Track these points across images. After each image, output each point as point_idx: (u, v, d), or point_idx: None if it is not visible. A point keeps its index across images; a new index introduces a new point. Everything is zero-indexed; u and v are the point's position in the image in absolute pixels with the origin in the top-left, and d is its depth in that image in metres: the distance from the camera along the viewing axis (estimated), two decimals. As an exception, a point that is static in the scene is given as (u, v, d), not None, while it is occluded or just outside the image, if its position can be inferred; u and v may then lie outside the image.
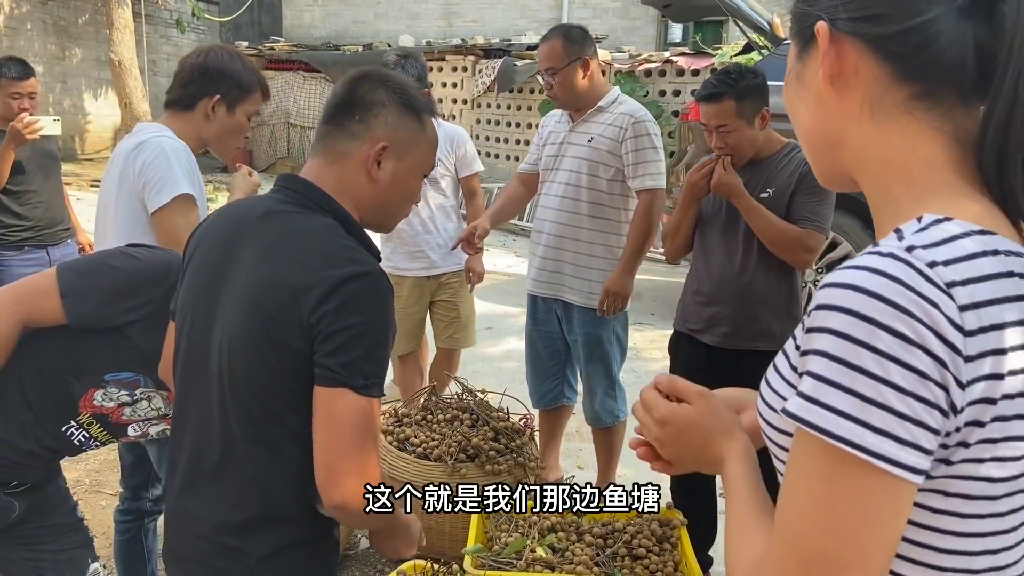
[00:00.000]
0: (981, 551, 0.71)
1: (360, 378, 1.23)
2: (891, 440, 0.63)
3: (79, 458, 3.77)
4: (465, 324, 3.66)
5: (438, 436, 2.86)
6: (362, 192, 1.39)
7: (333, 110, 1.40)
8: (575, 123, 2.99)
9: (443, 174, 3.51)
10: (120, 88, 9.78)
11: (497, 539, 2.31)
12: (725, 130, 2.45)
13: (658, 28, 12.28)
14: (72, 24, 12.43)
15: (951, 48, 0.70)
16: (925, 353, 0.63)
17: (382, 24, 13.63)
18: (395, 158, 1.40)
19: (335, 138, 1.38)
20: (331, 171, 1.38)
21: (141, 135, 2.10)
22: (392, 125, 1.39)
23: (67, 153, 11.96)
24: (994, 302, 0.66)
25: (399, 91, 1.41)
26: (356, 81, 1.41)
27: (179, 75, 2.14)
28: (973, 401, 0.65)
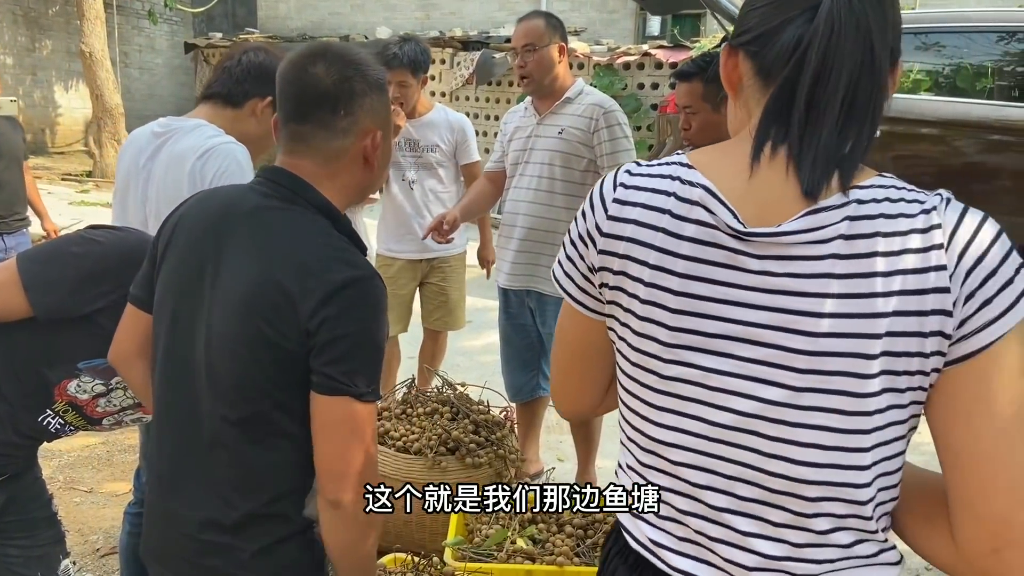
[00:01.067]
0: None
1: (361, 385, 1.24)
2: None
3: (52, 454, 3.72)
4: (453, 308, 3.69)
5: (418, 429, 2.85)
6: (356, 179, 1.38)
7: (306, 106, 1.33)
8: (542, 116, 2.98)
9: (440, 161, 3.51)
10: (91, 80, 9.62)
11: (477, 531, 2.31)
12: (690, 111, 2.51)
13: (636, 21, 12.29)
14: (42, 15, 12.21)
15: (783, 44, 0.87)
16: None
17: (359, 16, 13.52)
18: (386, 137, 1.39)
19: (321, 138, 1.33)
20: (324, 170, 1.34)
21: (201, 138, 1.97)
22: (376, 109, 1.36)
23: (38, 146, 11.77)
24: (638, 206, 0.92)
25: (367, 70, 1.36)
26: (316, 70, 1.32)
27: (230, 69, 2.05)
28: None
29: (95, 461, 3.69)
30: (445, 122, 3.52)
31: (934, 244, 0.80)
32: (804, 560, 0.88)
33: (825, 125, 0.84)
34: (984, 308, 0.79)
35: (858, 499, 0.85)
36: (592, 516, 2.36)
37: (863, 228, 0.82)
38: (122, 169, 2.10)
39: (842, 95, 0.83)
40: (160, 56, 13.94)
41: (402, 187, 3.56)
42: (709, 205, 0.87)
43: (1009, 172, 4.48)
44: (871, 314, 0.80)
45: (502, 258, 3.12)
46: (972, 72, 4.71)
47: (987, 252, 0.80)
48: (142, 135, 2.09)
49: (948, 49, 4.81)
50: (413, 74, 3.35)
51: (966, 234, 0.80)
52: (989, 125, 4.50)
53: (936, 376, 0.82)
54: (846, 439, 0.84)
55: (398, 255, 3.61)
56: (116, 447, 3.74)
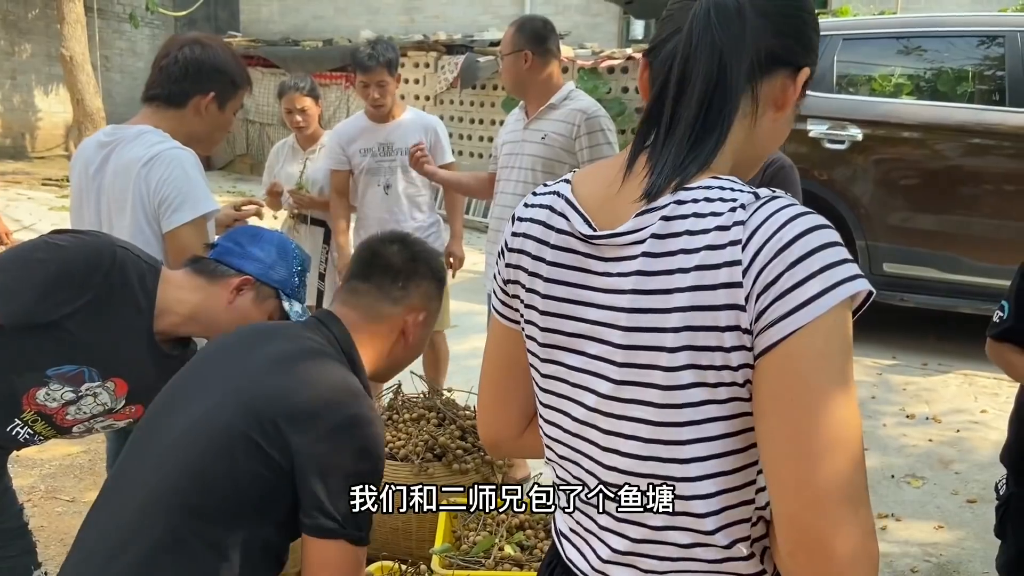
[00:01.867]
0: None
1: (356, 529, 1.25)
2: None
3: (34, 463, 3.67)
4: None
5: (404, 436, 2.83)
6: (388, 350, 1.52)
7: (372, 270, 1.53)
8: (529, 120, 2.99)
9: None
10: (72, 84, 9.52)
11: (465, 538, 2.30)
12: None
13: (620, 25, 12.33)
14: (22, 19, 12.09)
15: (663, 57, 0.94)
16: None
17: (342, 19, 13.48)
18: (426, 324, 1.56)
19: (375, 298, 1.51)
20: (365, 327, 1.49)
21: (145, 146, 1.93)
22: (428, 296, 1.55)
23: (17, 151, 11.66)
24: (528, 220, 0.98)
25: (434, 263, 1.59)
26: (390, 249, 1.55)
27: (167, 69, 1.99)
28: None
29: (77, 470, 3.65)
30: (418, 124, 3.53)
31: (731, 240, 0.80)
32: (646, 556, 0.91)
33: (677, 135, 0.88)
34: (777, 302, 0.78)
35: (683, 494, 0.86)
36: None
37: (674, 227, 0.84)
38: (74, 181, 2.06)
39: (695, 110, 0.87)
40: (142, 60, 13.83)
41: (377, 192, 3.55)
42: (566, 213, 0.94)
43: (989, 175, 4.53)
44: (666, 309, 0.83)
45: (490, 263, 3.12)
46: (953, 76, 4.76)
47: (788, 246, 0.78)
48: (90, 145, 2.04)
49: (929, 53, 4.85)
50: (390, 73, 3.40)
51: (769, 229, 0.80)
52: (970, 128, 4.55)
53: (749, 372, 0.81)
54: (661, 432, 0.86)
55: None
56: (98, 456, 3.70)
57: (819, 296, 0.77)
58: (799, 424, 0.77)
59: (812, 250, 0.78)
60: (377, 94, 3.38)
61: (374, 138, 3.52)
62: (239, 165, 12.17)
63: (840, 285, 0.78)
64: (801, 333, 0.77)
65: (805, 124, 4.77)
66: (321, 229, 3.64)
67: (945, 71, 4.77)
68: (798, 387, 0.78)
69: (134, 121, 2.05)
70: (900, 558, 2.86)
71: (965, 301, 4.62)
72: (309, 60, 11.29)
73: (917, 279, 4.70)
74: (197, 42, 2.03)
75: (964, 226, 4.57)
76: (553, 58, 2.96)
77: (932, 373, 4.40)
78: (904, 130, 4.66)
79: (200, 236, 1.97)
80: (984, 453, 3.47)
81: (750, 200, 0.83)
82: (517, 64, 2.92)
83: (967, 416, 3.86)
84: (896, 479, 3.33)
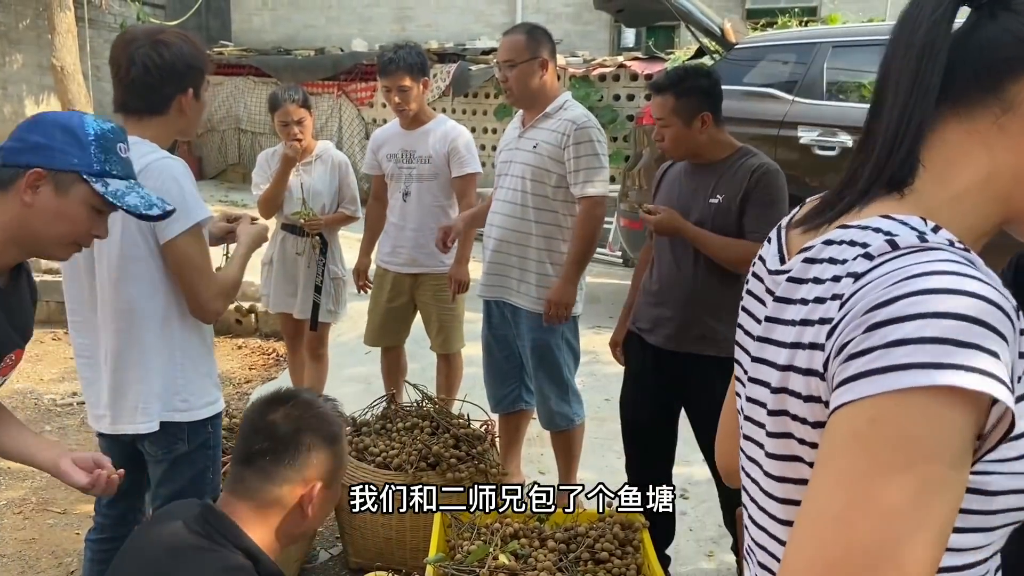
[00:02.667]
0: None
1: None
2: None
3: (25, 475, 3.65)
4: (444, 328, 3.61)
5: (398, 444, 2.83)
6: (293, 527, 1.45)
7: (255, 452, 1.42)
8: (524, 129, 2.99)
9: (435, 172, 3.49)
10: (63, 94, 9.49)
11: (459, 547, 2.29)
12: (662, 123, 2.50)
13: (611, 33, 12.38)
14: (12, 29, 12.06)
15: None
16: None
17: (334, 28, 13.49)
18: (326, 489, 1.47)
19: (261, 483, 1.42)
20: (257, 514, 1.42)
21: (134, 158, 1.84)
22: (323, 463, 1.45)
23: (8, 161, 11.60)
24: None
25: (324, 428, 1.46)
26: (274, 416, 1.43)
27: (139, 79, 1.93)
28: None
29: (69, 482, 3.63)
30: (441, 132, 3.50)
31: (834, 294, 0.68)
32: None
33: (872, 156, 0.76)
34: (847, 363, 0.64)
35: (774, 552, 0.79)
36: (574, 530, 2.36)
37: (810, 271, 0.74)
38: None
39: (887, 122, 0.75)
40: (133, 69, 13.80)
41: (397, 200, 3.56)
42: (773, 242, 0.87)
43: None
44: (774, 364, 0.76)
45: (482, 269, 3.12)
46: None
47: (882, 306, 0.63)
48: None
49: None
50: (411, 77, 3.37)
51: (879, 285, 0.65)
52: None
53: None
54: (765, 481, 0.80)
55: (389, 267, 3.63)
56: (90, 467, 3.67)
57: (883, 372, 0.61)
58: (817, 505, 0.64)
59: (908, 316, 0.61)
60: (398, 98, 3.38)
61: (399, 143, 3.53)
62: (231, 174, 12.15)
63: (917, 369, 0.60)
64: (849, 408, 0.63)
65: (796, 131, 4.80)
66: (318, 241, 3.63)
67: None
68: (820, 461, 0.65)
69: None
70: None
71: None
72: (301, 69, 11.29)
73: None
74: (159, 42, 1.96)
75: (954, 231, 4.59)
76: (553, 64, 2.97)
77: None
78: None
79: (198, 243, 1.97)
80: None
81: (882, 249, 0.67)
82: (533, 71, 2.88)
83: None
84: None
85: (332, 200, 3.68)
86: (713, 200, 2.45)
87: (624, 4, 6.23)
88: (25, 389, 4.78)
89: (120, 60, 1.97)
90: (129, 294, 1.94)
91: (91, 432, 3.82)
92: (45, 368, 5.17)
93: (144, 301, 1.95)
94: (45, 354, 5.43)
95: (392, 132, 3.61)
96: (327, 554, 3.03)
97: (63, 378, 4.99)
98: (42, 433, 4.16)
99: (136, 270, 1.93)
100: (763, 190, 2.41)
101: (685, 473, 3.33)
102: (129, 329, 1.96)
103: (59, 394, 4.71)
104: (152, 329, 1.96)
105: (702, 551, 2.94)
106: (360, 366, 4.74)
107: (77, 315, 2.06)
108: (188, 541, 1.36)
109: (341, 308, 3.82)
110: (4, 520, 3.29)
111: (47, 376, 5.03)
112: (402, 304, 3.64)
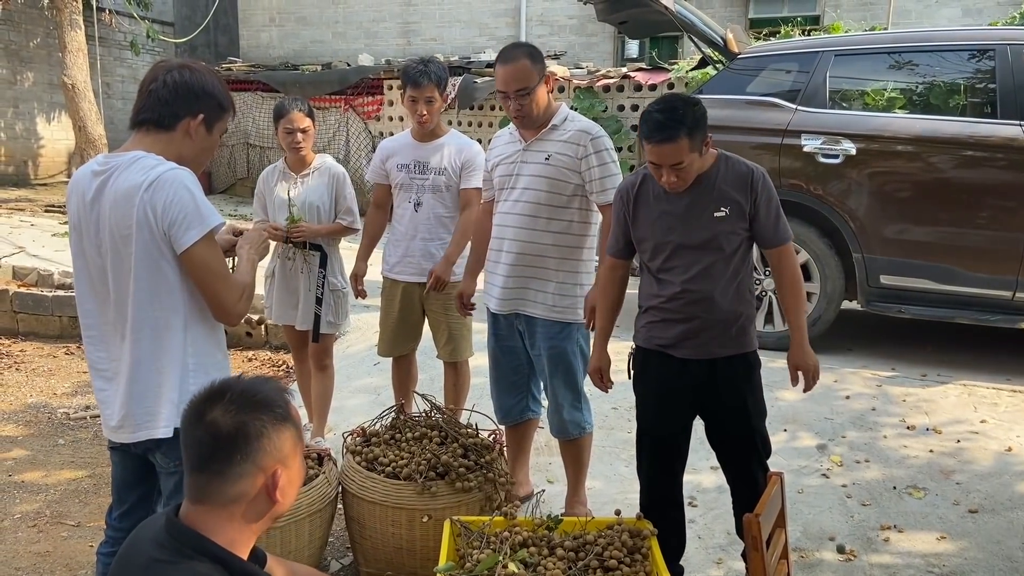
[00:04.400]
0: None
1: None
2: None
3: (39, 488, 3.69)
4: (453, 336, 3.65)
5: (407, 455, 2.85)
6: (263, 514, 1.44)
7: (203, 458, 1.38)
8: (529, 142, 3.00)
9: (448, 184, 3.55)
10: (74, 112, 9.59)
11: (469, 556, 2.31)
12: (680, 167, 2.37)
13: (615, 44, 12.43)
14: (23, 47, 12.21)
15: None
16: None
17: (340, 43, 13.59)
18: (287, 470, 1.44)
19: (218, 486, 1.38)
20: (223, 514, 1.39)
21: (142, 171, 1.94)
22: (277, 447, 1.42)
23: (20, 178, 11.72)
24: None
25: (266, 409, 1.41)
26: (213, 415, 1.38)
27: (156, 93, 2.01)
28: None
29: (82, 494, 3.67)
30: (455, 145, 3.59)
31: None
32: None
33: None
34: None
35: None
36: (583, 538, 2.37)
37: None
38: (72, 212, 2.07)
39: None
40: (142, 86, 13.93)
41: (407, 209, 3.61)
42: None
43: (982, 186, 4.56)
44: None
45: (491, 282, 3.14)
46: (945, 90, 4.80)
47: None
48: (83, 176, 2.05)
49: (921, 68, 4.89)
50: (439, 91, 3.48)
51: None
52: (962, 141, 4.59)
53: None
54: None
55: (398, 277, 3.67)
56: (103, 480, 3.71)
57: None
58: None
59: None
60: (425, 110, 3.46)
61: (412, 154, 3.59)
62: (240, 188, 12.23)
63: None
64: None
65: (799, 139, 4.82)
66: (316, 254, 3.67)
67: (937, 85, 4.83)
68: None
69: (125, 148, 2.06)
70: (903, 569, 2.87)
71: (962, 312, 4.64)
72: (308, 84, 11.38)
73: (914, 291, 4.72)
74: (185, 67, 2.06)
75: (958, 237, 4.59)
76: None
77: (931, 384, 4.41)
78: (897, 143, 4.71)
79: (215, 249, 2.01)
80: (985, 463, 3.48)
81: None
82: (544, 92, 2.94)
83: (967, 426, 3.86)
84: (898, 490, 3.34)
85: (327, 211, 3.72)
86: (719, 214, 2.45)
87: (627, 16, 6.27)
88: (39, 403, 4.83)
89: (147, 77, 2.05)
90: (147, 306, 1.97)
91: (103, 445, 3.88)
92: (58, 382, 5.22)
93: (161, 312, 1.98)
94: (58, 368, 5.49)
95: (404, 143, 3.66)
96: (338, 564, 3.05)
97: (76, 392, 5.04)
98: (55, 447, 4.21)
99: (154, 282, 1.97)
100: (768, 195, 2.47)
101: (694, 481, 3.34)
102: (147, 340, 1.99)
103: (72, 407, 4.76)
104: (169, 339, 2.00)
105: (711, 559, 2.95)
106: (368, 377, 4.77)
107: (92, 329, 2.09)
108: (155, 555, 1.37)
109: (343, 320, 3.86)
110: (19, 533, 3.33)
111: (60, 390, 5.08)
112: (413, 313, 3.69)
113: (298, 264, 3.70)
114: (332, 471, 2.92)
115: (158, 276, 1.97)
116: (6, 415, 4.63)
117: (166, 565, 1.35)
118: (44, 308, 6.14)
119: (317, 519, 2.77)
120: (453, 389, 3.72)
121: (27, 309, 6.19)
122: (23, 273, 6.46)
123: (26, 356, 5.72)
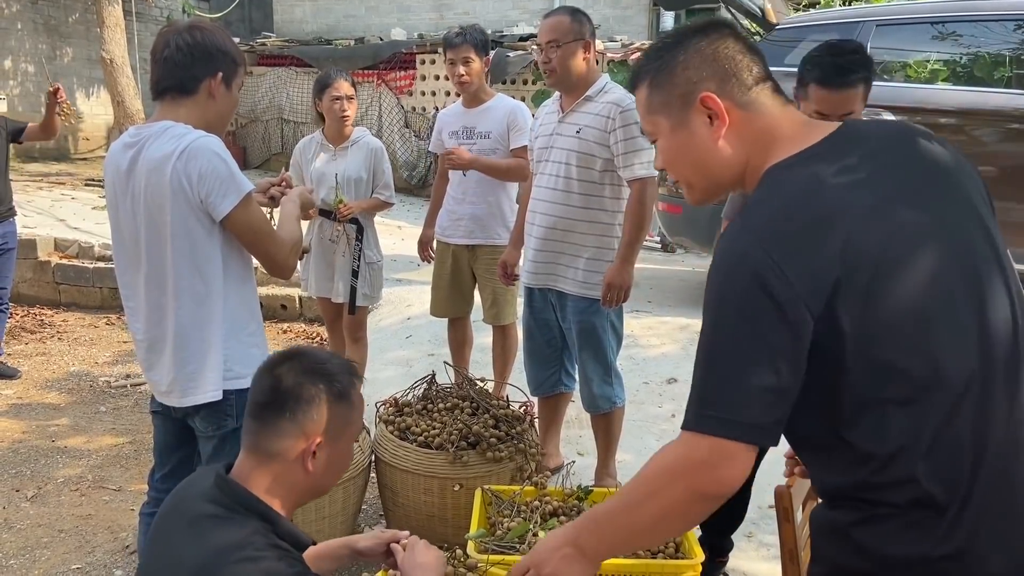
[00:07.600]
0: None
1: None
2: None
3: (81, 453, 3.79)
4: (498, 301, 3.70)
5: (439, 425, 2.88)
6: (298, 483, 1.45)
7: (260, 406, 1.44)
8: (564, 113, 2.98)
9: (494, 148, 3.58)
10: (112, 86, 9.71)
11: (500, 524, 2.33)
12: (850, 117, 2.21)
13: (650, 17, 12.24)
14: (63, 23, 12.37)
15: None
16: None
17: (373, 17, 13.56)
18: (330, 445, 1.45)
19: (264, 437, 1.43)
20: (264, 471, 1.43)
21: (173, 140, 1.96)
22: (325, 417, 1.44)
23: (61, 153, 11.92)
24: None
25: (326, 379, 1.45)
26: (280, 370, 1.44)
27: (171, 58, 2.00)
28: None
29: (123, 460, 3.76)
30: (501, 108, 3.62)
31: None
32: None
33: None
34: None
35: None
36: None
37: None
38: (108, 184, 2.10)
39: None
40: (178, 62, 14.05)
41: (457, 175, 3.65)
42: None
43: (1029, 160, 4.45)
44: None
45: (526, 256, 3.15)
46: (989, 61, 4.67)
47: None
48: (117, 149, 2.07)
49: (965, 38, 4.77)
50: (477, 52, 3.51)
51: None
52: (1007, 114, 4.47)
53: None
54: None
55: (448, 240, 3.75)
56: (144, 446, 3.81)
57: None
58: None
59: None
60: (463, 69, 3.49)
61: (460, 121, 3.65)
62: (274, 164, 12.32)
63: None
64: None
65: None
66: (353, 226, 3.69)
67: (981, 56, 4.70)
68: None
69: (153, 119, 2.07)
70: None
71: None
72: (341, 59, 11.38)
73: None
74: (194, 27, 2.05)
75: (1003, 212, 4.49)
76: (594, 47, 2.97)
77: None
78: (940, 116, 4.60)
79: (256, 209, 2.05)
80: None
81: None
82: (577, 52, 2.89)
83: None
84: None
85: (367, 186, 3.73)
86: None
87: (663, -13, 6.17)
88: (81, 371, 4.95)
89: (158, 45, 2.05)
90: (187, 274, 2.00)
91: (144, 412, 3.97)
92: (99, 351, 5.34)
93: (200, 280, 2.01)
94: (99, 338, 5.61)
95: (455, 112, 3.73)
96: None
97: (116, 361, 5.15)
98: (97, 414, 4.32)
99: (192, 251, 1.99)
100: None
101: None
102: (188, 308, 2.02)
103: (113, 376, 4.87)
104: (210, 306, 2.03)
105: (742, 531, 2.95)
106: (401, 350, 4.82)
107: (131, 300, 2.13)
108: (204, 511, 1.39)
109: (378, 292, 3.91)
110: (62, 497, 3.43)
111: (101, 359, 5.20)
112: (463, 276, 3.77)
113: (340, 240, 3.73)
114: (365, 440, 2.96)
115: (195, 246, 1.99)
116: (49, 383, 4.75)
117: (215, 520, 1.38)
118: (85, 279, 6.27)
119: (351, 486, 2.82)
120: (501, 352, 3.79)
121: (69, 280, 6.32)
122: (64, 245, 6.59)
123: (68, 326, 5.86)
